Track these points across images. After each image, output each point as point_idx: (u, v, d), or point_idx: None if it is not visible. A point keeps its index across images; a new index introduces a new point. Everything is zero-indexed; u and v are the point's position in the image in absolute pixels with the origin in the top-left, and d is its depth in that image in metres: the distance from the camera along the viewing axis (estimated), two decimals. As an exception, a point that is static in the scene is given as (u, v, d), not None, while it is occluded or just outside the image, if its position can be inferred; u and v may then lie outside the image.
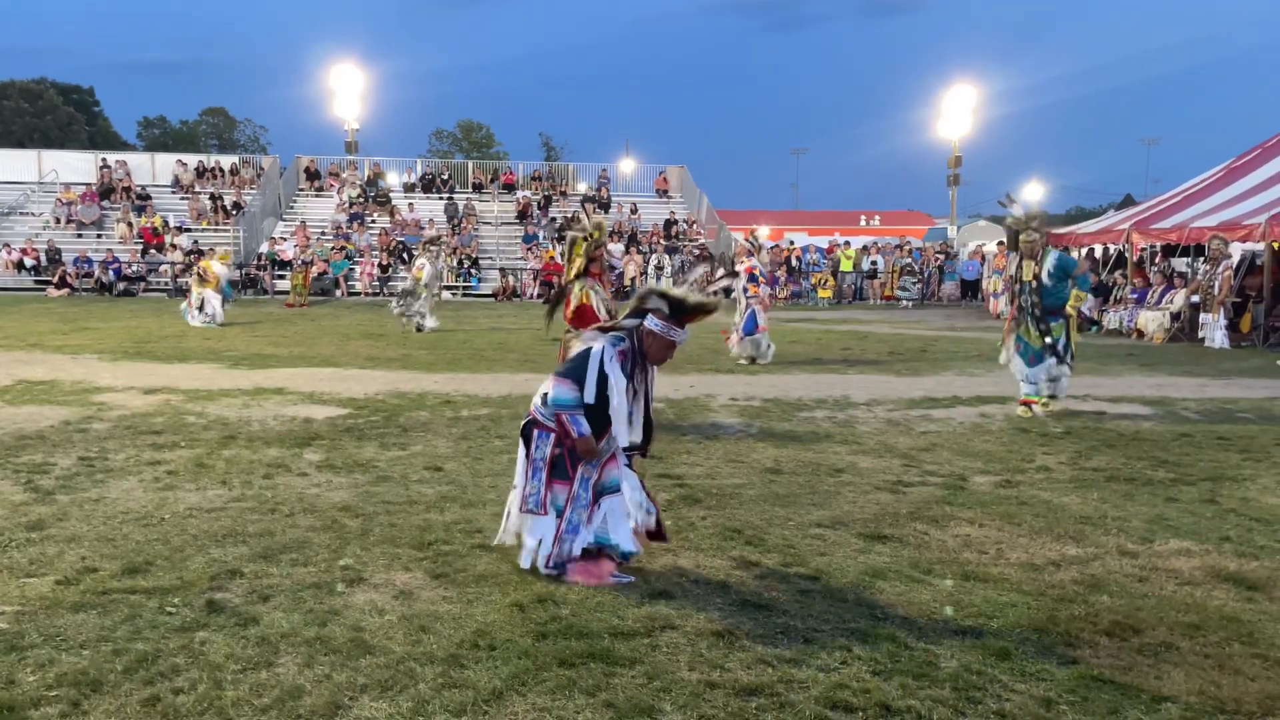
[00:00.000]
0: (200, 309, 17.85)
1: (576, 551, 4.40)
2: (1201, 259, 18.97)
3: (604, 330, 4.59)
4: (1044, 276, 8.93)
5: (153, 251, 29.63)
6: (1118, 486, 6.39)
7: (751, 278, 13.14)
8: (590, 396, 4.34)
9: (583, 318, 7.97)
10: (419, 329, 17.50)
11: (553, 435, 4.44)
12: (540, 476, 4.43)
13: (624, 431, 4.39)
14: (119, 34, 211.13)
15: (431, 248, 18.75)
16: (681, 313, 4.42)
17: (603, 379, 4.36)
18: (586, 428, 4.35)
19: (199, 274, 18.37)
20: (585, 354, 4.45)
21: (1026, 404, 9.07)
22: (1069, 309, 9.00)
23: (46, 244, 29.18)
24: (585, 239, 8.34)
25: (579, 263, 8.28)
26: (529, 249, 31.54)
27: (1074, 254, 9.43)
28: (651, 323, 4.42)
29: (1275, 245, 17.52)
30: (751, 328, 12.97)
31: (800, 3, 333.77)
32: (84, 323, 17.96)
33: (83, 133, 68.49)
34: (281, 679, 3.36)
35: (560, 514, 4.42)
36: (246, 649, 3.59)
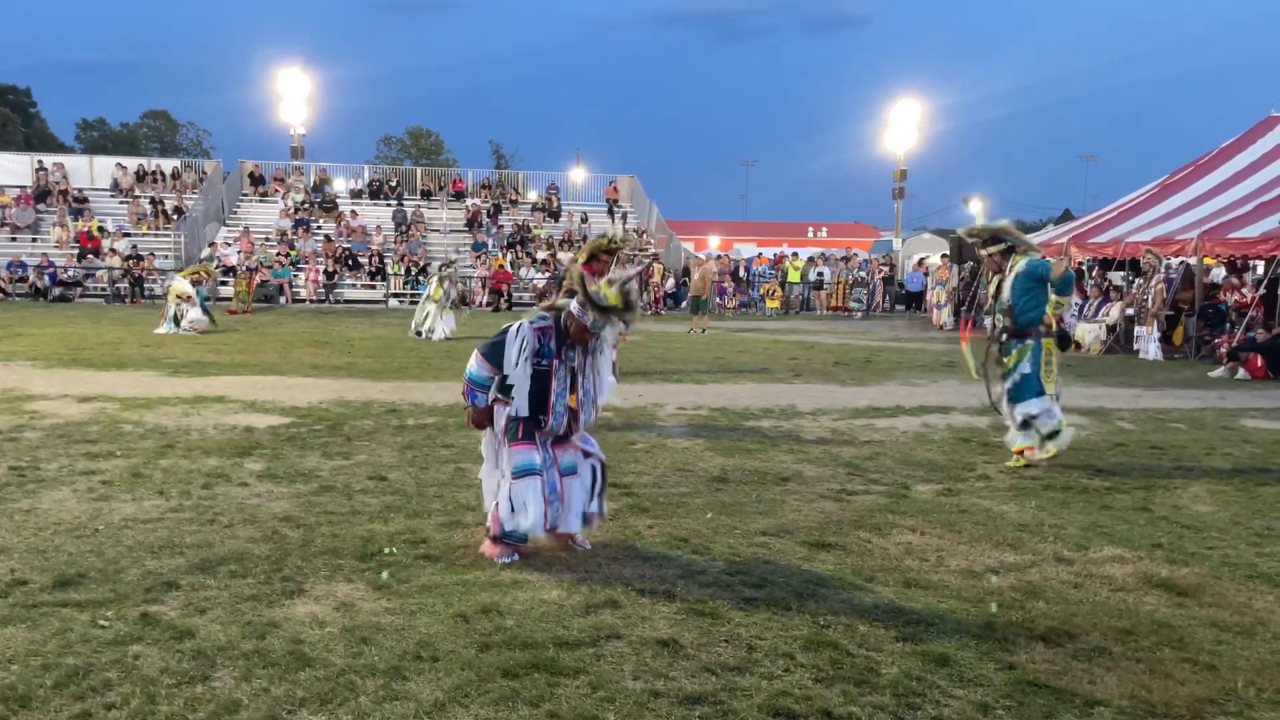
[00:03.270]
0: (176, 321, 17.59)
1: (574, 528, 4.89)
2: (1138, 276, 19.47)
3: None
4: (1007, 292, 7.43)
5: (90, 256, 28.95)
6: (1055, 495, 6.52)
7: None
8: (508, 370, 4.72)
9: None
10: (418, 333, 17.73)
11: (506, 408, 4.81)
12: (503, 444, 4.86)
13: (523, 403, 4.71)
14: (57, 33, 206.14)
15: (447, 269, 18.86)
16: (595, 307, 4.73)
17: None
18: (482, 401, 4.83)
19: (178, 295, 18.10)
20: (505, 332, 4.79)
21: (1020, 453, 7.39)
22: (1045, 322, 7.40)
23: (-22, 248, 28.39)
24: (603, 240, 8.13)
25: (583, 256, 8.03)
26: (478, 257, 31.35)
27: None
28: (573, 305, 4.76)
29: (1206, 260, 18.05)
30: None
31: (742, 17, 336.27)
32: (17, 329, 17.47)
33: (18, 134, 66.57)
34: (217, 693, 3.30)
35: (532, 473, 4.73)
36: (182, 662, 3.51)
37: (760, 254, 35.55)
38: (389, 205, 34.91)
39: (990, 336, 7.88)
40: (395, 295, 29.48)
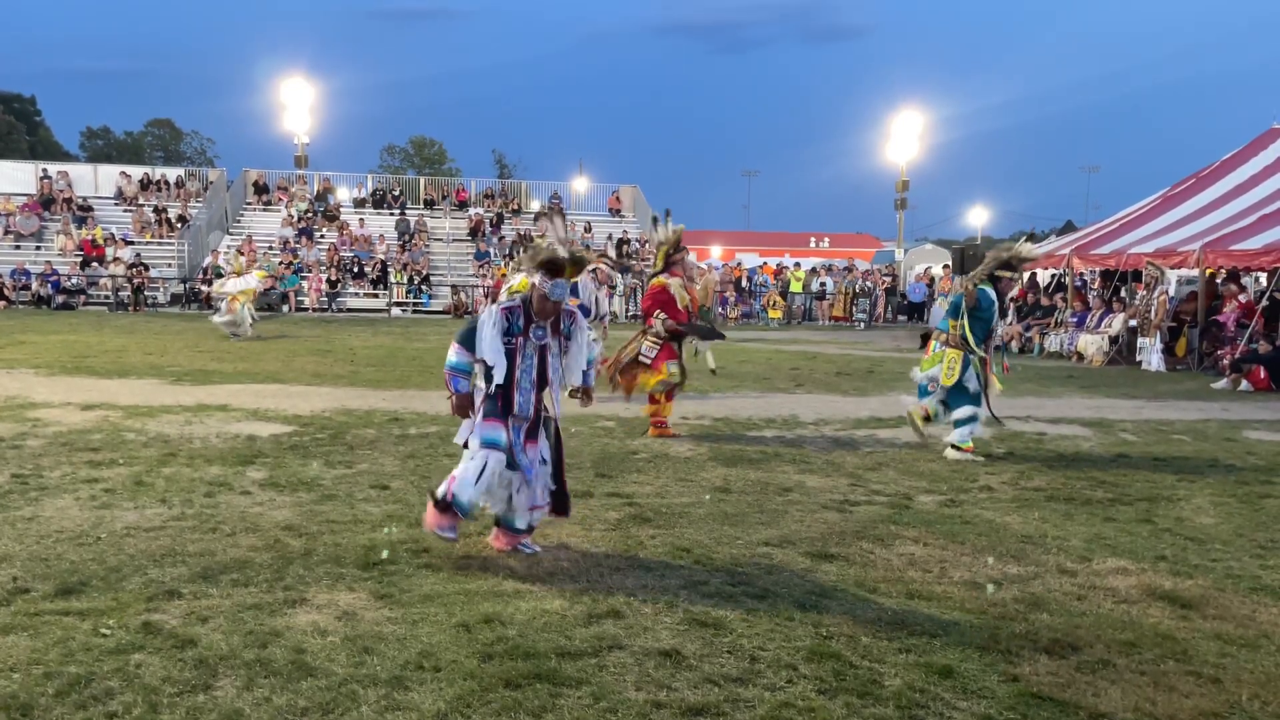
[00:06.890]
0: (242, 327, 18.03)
1: (520, 525, 5.09)
2: (1140, 287, 19.45)
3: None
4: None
5: (94, 265, 28.99)
6: (1058, 506, 6.51)
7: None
8: (482, 354, 4.87)
9: (655, 300, 8.92)
10: None
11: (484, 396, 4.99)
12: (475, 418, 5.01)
13: (500, 367, 4.85)
14: (62, 42, 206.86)
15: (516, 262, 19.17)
16: (554, 270, 4.86)
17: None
18: (465, 387, 4.96)
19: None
20: (477, 319, 4.98)
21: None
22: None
23: (-18, 255, 28.44)
24: (664, 245, 9.26)
25: (659, 264, 9.20)
26: (481, 266, 31.38)
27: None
28: (534, 280, 4.93)
29: (1209, 272, 18.05)
30: None
31: (741, 28, 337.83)
32: (20, 336, 17.49)
33: (23, 142, 66.75)
34: (219, 702, 3.29)
35: (497, 448, 4.88)
36: (184, 671, 3.51)
37: (765, 263, 35.59)
38: (392, 214, 34.94)
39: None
40: (398, 304, 29.53)
